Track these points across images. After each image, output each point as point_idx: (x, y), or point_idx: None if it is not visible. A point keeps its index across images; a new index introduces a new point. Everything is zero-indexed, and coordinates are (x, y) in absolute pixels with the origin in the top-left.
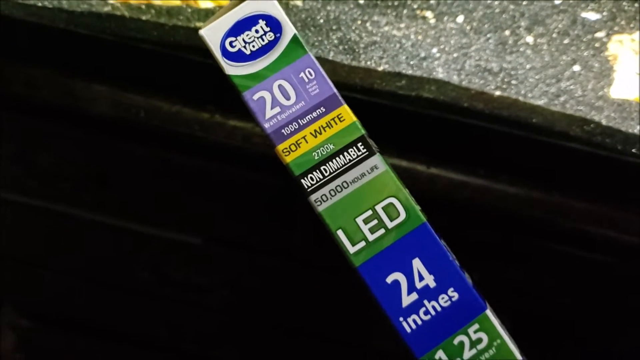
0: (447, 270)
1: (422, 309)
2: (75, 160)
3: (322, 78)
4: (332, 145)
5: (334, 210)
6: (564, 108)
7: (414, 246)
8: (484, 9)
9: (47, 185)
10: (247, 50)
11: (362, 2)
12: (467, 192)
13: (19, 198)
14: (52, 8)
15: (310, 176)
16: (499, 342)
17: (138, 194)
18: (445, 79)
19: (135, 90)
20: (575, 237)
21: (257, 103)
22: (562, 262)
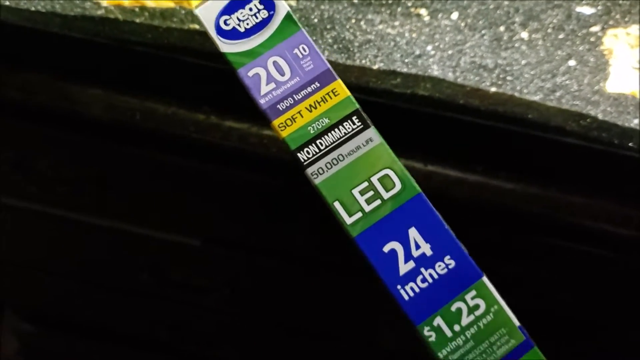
0: (443, 238)
1: (419, 276)
2: (73, 164)
3: (315, 54)
4: (327, 119)
5: (331, 183)
6: (560, 103)
7: (409, 216)
8: (478, 6)
9: (46, 189)
10: (241, 27)
11: (356, 1)
12: (464, 188)
13: (17, 202)
14: (46, 12)
15: (307, 150)
16: (496, 308)
17: (136, 196)
18: (440, 77)
19: (130, 93)
20: (574, 232)
21: (252, 79)
22: (561, 257)
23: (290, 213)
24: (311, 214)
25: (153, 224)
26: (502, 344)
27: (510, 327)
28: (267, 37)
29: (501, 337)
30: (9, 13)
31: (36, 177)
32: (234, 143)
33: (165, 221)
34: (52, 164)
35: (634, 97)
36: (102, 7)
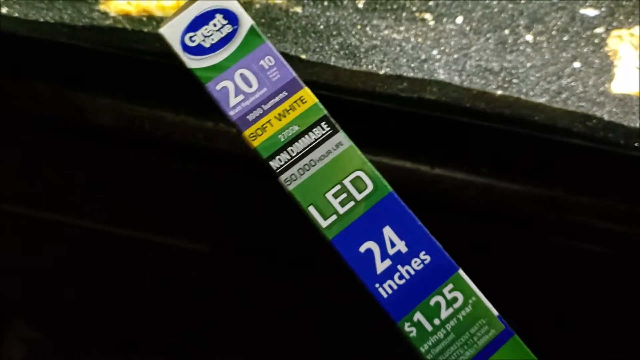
0: (417, 235)
1: (397, 274)
2: (82, 172)
3: (281, 64)
4: (296, 127)
5: (304, 188)
6: (566, 105)
7: (383, 215)
8: (483, 9)
9: (54, 197)
10: (206, 43)
11: (361, 7)
12: (471, 190)
13: (26, 211)
14: (54, 23)
15: (278, 158)
16: (474, 300)
17: (145, 204)
18: (446, 80)
19: (139, 102)
20: (581, 232)
21: (220, 93)
22: (569, 257)
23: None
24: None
25: (162, 230)
26: (482, 334)
27: (489, 317)
28: (233, 50)
29: (481, 327)
30: (17, 24)
31: (44, 186)
32: (242, 150)
33: (175, 227)
34: (60, 172)
35: (638, 97)
36: (110, 17)
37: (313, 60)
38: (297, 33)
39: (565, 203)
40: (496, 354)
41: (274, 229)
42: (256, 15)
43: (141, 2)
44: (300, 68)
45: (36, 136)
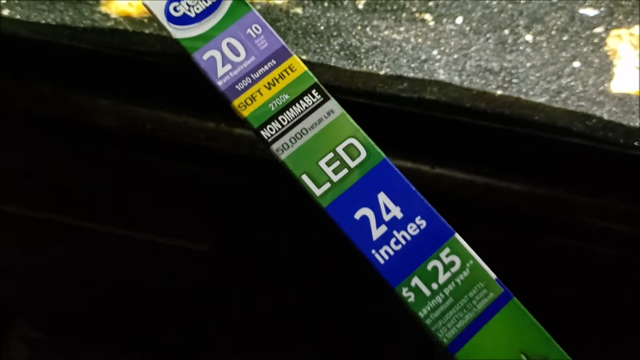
0: (412, 200)
1: (393, 239)
2: (85, 174)
3: (269, 32)
4: (287, 96)
5: (296, 157)
6: (566, 104)
7: (377, 181)
8: (483, 9)
9: (56, 198)
10: (191, 13)
11: (362, 8)
12: (472, 190)
13: (27, 212)
14: (56, 25)
15: (270, 127)
16: (472, 263)
17: (146, 204)
18: (446, 81)
19: (140, 103)
20: (582, 231)
21: (207, 63)
22: (570, 256)
23: (302, 219)
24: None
25: (162, 230)
26: (481, 298)
27: (487, 281)
28: (219, 19)
29: (479, 291)
30: (19, 26)
31: (47, 187)
32: (244, 150)
33: (175, 227)
34: (63, 174)
35: (638, 96)
36: (111, 19)
37: (314, 60)
38: (298, 34)
39: (566, 202)
40: (495, 317)
41: (274, 229)
42: None
43: None
44: None
45: (38, 137)
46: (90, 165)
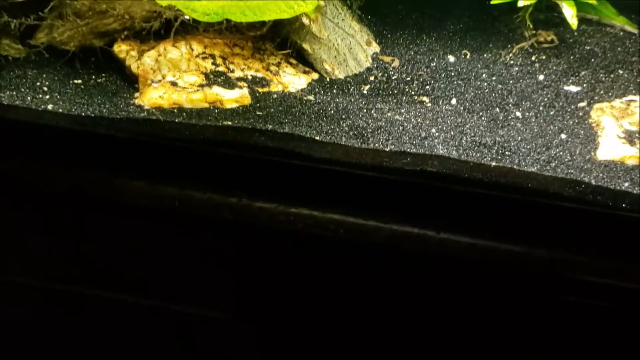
0: None
1: None
2: (117, 248)
3: None
4: None
5: None
6: (556, 172)
7: None
8: (475, 90)
9: (91, 272)
10: None
11: (366, 93)
12: (475, 253)
13: (63, 286)
14: (94, 116)
15: None
16: None
17: (177, 276)
18: (445, 155)
19: (170, 183)
20: (580, 288)
21: None
22: (570, 312)
23: (317, 286)
24: (336, 286)
25: (186, 299)
26: None
27: None
28: None
29: None
30: (61, 118)
31: (82, 261)
32: (264, 222)
33: (203, 298)
34: (97, 248)
35: (622, 162)
36: (144, 110)
37: (326, 140)
38: (311, 117)
39: (564, 261)
40: None
41: (298, 301)
42: (274, 103)
43: (172, 96)
44: (315, 148)
45: (78, 216)
46: (122, 240)
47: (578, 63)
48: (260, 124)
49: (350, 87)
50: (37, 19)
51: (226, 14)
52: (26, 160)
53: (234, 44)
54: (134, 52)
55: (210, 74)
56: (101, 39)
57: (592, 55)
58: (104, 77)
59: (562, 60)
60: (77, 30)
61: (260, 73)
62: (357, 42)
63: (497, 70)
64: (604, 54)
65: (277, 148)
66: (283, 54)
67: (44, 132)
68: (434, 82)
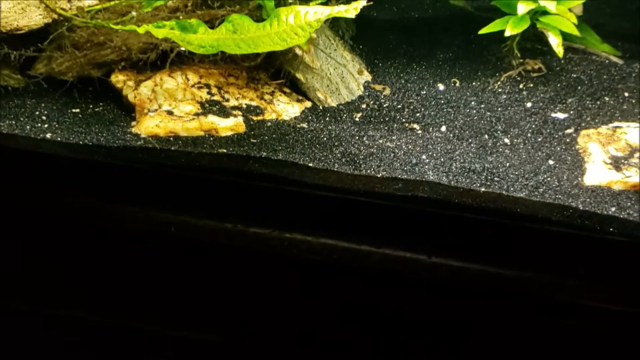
0: None
1: None
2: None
3: None
4: None
5: None
6: (544, 198)
7: None
8: (464, 118)
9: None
10: None
11: (358, 120)
12: (467, 276)
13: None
14: (92, 145)
15: None
16: None
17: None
18: (436, 181)
19: (166, 209)
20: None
21: None
22: (559, 334)
23: (311, 310)
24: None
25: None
26: None
27: None
28: None
29: None
30: (59, 147)
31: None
32: (259, 247)
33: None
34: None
35: (609, 187)
36: (141, 138)
37: (319, 167)
38: (304, 145)
39: (553, 284)
40: None
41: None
42: (268, 131)
43: (168, 125)
44: (308, 174)
45: (73, 241)
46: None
47: (565, 90)
48: (255, 151)
49: (343, 115)
50: (36, 51)
51: (221, 47)
52: (25, 188)
53: (229, 74)
54: (131, 82)
55: (206, 103)
56: (99, 69)
57: (578, 83)
58: (101, 107)
59: (550, 87)
60: (75, 61)
61: (254, 102)
62: (349, 71)
63: (485, 98)
64: (590, 81)
65: (271, 174)
66: (277, 83)
67: (42, 160)
68: (424, 110)
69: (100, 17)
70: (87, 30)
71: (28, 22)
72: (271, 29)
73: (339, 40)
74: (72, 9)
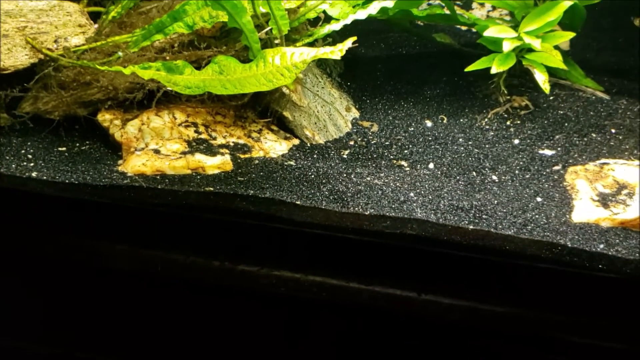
0: None
1: None
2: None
3: None
4: None
5: None
6: (532, 235)
7: None
8: (452, 155)
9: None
10: None
11: (346, 157)
12: (457, 313)
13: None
14: (78, 184)
15: None
16: None
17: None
18: (424, 218)
19: (153, 247)
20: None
21: None
22: None
23: (300, 349)
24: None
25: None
26: None
27: None
28: None
29: None
30: (45, 185)
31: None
32: (247, 284)
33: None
34: (81, 311)
35: (597, 224)
36: (127, 177)
37: (307, 205)
38: (292, 182)
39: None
40: None
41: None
42: (255, 169)
43: (155, 163)
44: (296, 212)
45: (61, 279)
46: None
47: (552, 127)
48: (242, 189)
49: (331, 152)
50: (23, 90)
51: (207, 88)
52: (11, 227)
53: (217, 112)
54: (118, 121)
55: (193, 141)
56: (85, 108)
57: (565, 120)
58: (87, 145)
59: (537, 124)
60: (61, 101)
61: (242, 140)
62: (336, 108)
63: (473, 134)
64: (577, 118)
65: (259, 212)
66: (264, 122)
67: (28, 199)
68: (412, 147)
69: (86, 57)
70: (73, 69)
71: (14, 62)
72: (257, 69)
73: (326, 77)
74: (58, 49)
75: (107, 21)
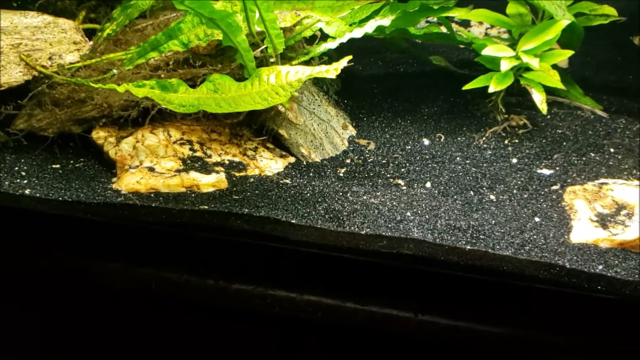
0: None
1: None
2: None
3: None
4: None
5: None
6: (530, 255)
7: None
8: (449, 174)
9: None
10: None
11: (342, 175)
12: (455, 334)
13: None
14: (72, 201)
15: None
16: None
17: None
18: (420, 238)
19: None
20: None
21: None
22: None
23: None
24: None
25: None
26: None
27: None
28: None
29: None
30: (39, 203)
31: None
32: (241, 304)
33: None
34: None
35: (595, 245)
36: (121, 195)
37: (302, 224)
38: (287, 201)
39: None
40: None
41: None
42: (250, 187)
43: (149, 181)
44: (291, 231)
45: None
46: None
47: (550, 146)
48: (237, 207)
49: (327, 170)
50: (16, 108)
51: (202, 106)
52: (4, 244)
53: (212, 130)
54: (112, 138)
55: (188, 159)
56: (80, 125)
57: (564, 139)
58: (82, 162)
59: (535, 143)
60: (55, 118)
61: (237, 158)
62: (332, 126)
63: (471, 153)
64: (575, 137)
65: (254, 231)
66: (260, 139)
67: (21, 216)
68: (409, 165)
69: (81, 74)
70: (67, 87)
71: (8, 79)
72: (252, 88)
73: (323, 95)
74: (52, 66)
75: (102, 38)
